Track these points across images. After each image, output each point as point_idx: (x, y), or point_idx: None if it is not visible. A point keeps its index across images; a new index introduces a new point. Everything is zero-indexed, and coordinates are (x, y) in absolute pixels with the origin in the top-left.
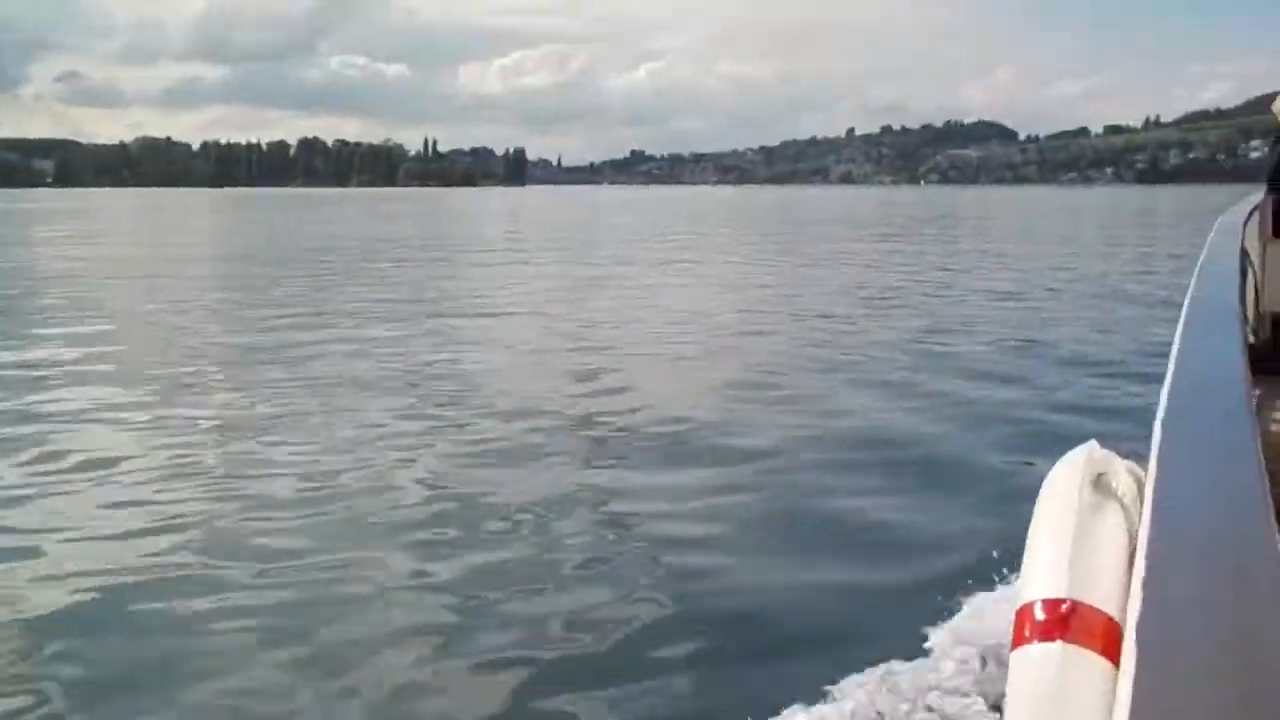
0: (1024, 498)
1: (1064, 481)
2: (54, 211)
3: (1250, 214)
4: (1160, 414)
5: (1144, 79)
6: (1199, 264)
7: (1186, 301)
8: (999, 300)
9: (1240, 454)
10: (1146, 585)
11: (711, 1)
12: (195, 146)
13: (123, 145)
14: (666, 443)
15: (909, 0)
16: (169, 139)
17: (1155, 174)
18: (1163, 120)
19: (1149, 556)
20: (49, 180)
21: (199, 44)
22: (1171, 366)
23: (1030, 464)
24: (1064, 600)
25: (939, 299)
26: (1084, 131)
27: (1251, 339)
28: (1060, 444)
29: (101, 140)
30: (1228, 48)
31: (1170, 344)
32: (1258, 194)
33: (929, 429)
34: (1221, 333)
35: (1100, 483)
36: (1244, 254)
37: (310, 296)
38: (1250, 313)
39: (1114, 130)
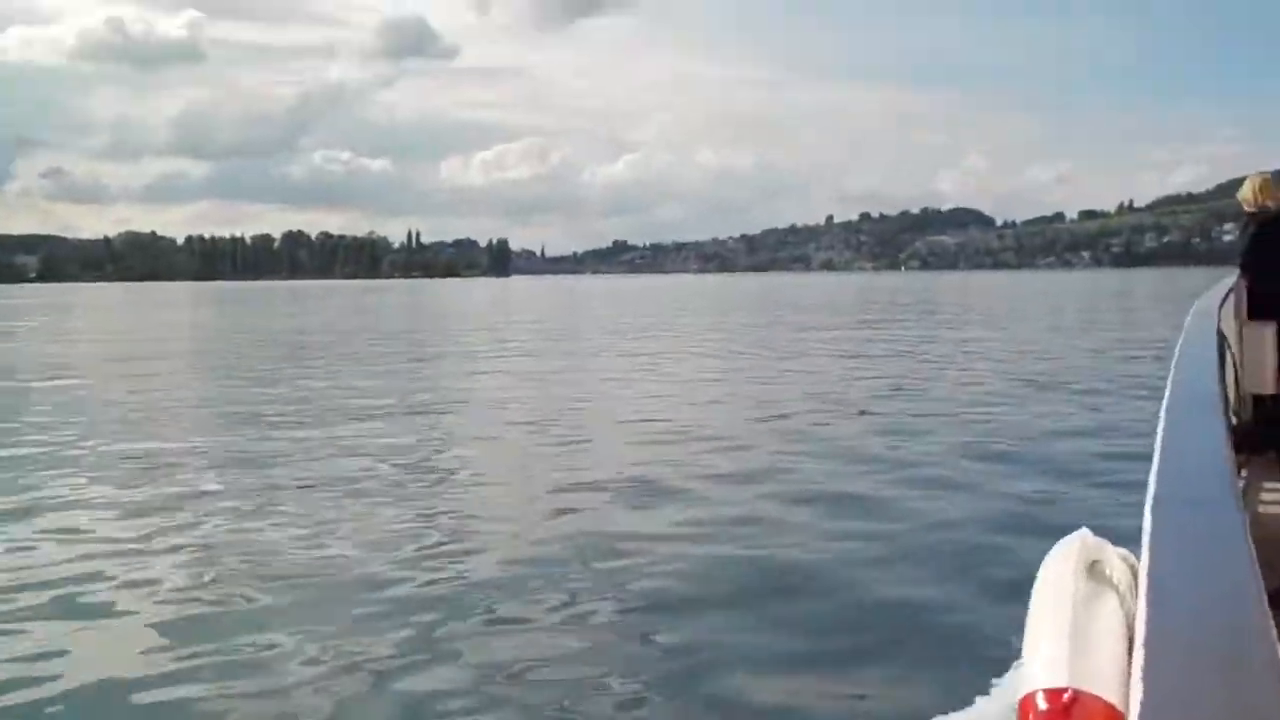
0: (1017, 586)
1: (1059, 570)
2: (37, 306)
3: (1225, 296)
4: (1149, 500)
5: (1115, 163)
6: (1178, 348)
7: (1168, 386)
8: (981, 389)
9: (1230, 537)
10: (1146, 675)
11: (685, 93)
12: (179, 241)
13: (107, 240)
14: (644, 522)
15: (880, 89)
16: (153, 233)
17: (1131, 257)
18: (1136, 205)
19: (1147, 645)
20: (32, 276)
21: (181, 140)
22: (1157, 452)
23: (1021, 552)
24: (1066, 690)
25: (920, 389)
26: (1059, 216)
27: (1234, 420)
28: (1051, 532)
29: (86, 235)
30: (1198, 131)
31: (1154, 429)
32: (1231, 276)
33: (917, 522)
34: (1204, 416)
35: (1095, 570)
36: (1221, 336)
37: (296, 389)
38: (1231, 394)
39: (1089, 215)
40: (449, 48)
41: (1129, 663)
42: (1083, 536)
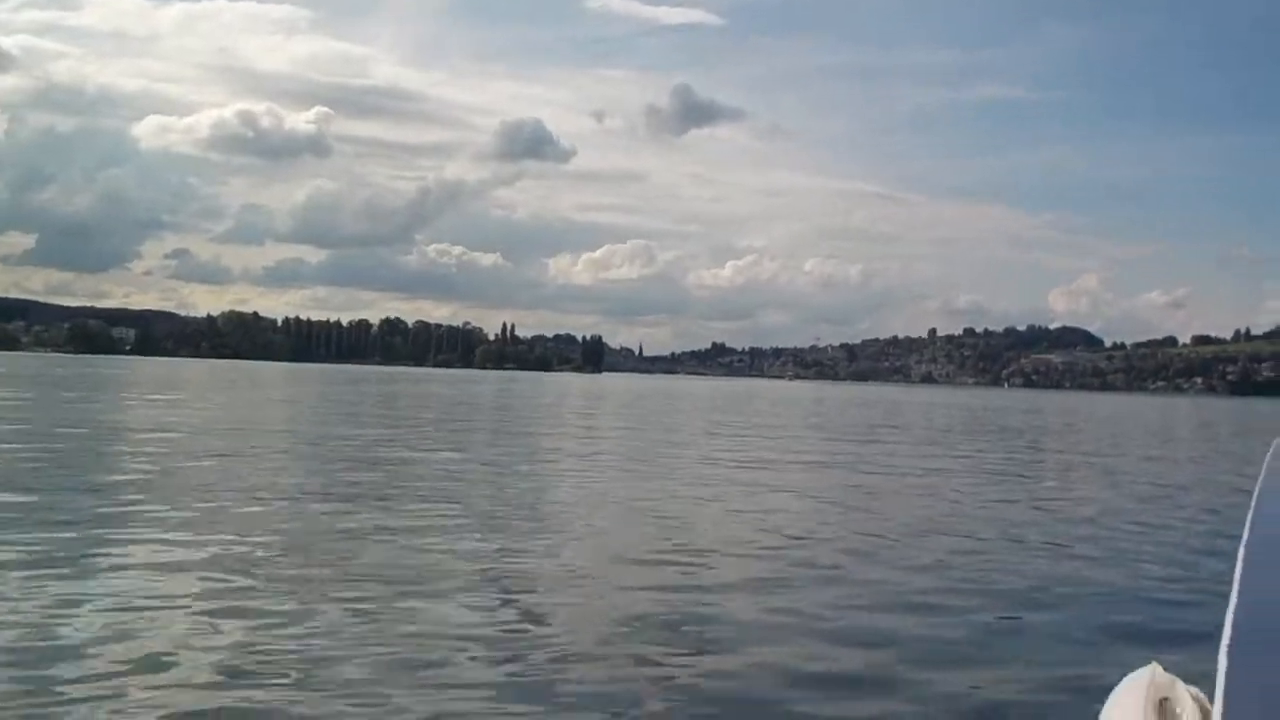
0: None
1: (1128, 704)
2: (133, 378)
3: None
4: (1225, 642)
5: (1233, 290)
6: (1258, 484)
7: (1247, 527)
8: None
9: None
10: None
11: (799, 205)
12: (279, 322)
13: (210, 318)
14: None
15: (994, 206)
16: (255, 314)
17: (1247, 385)
18: (1253, 333)
19: None
20: (127, 348)
21: (303, 229)
22: (1235, 594)
23: (1089, 681)
24: None
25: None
26: (1171, 340)
27: None
28: (1120, 664)
29: (201, 313)
30: None
31: (1232, 569)
32: None
33: (979, 641)
34: None
35: (1164, 708)
36: None
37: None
38: None
39: (1203, 340)
40: (565, 151)
41: None
42: (1153, 671)
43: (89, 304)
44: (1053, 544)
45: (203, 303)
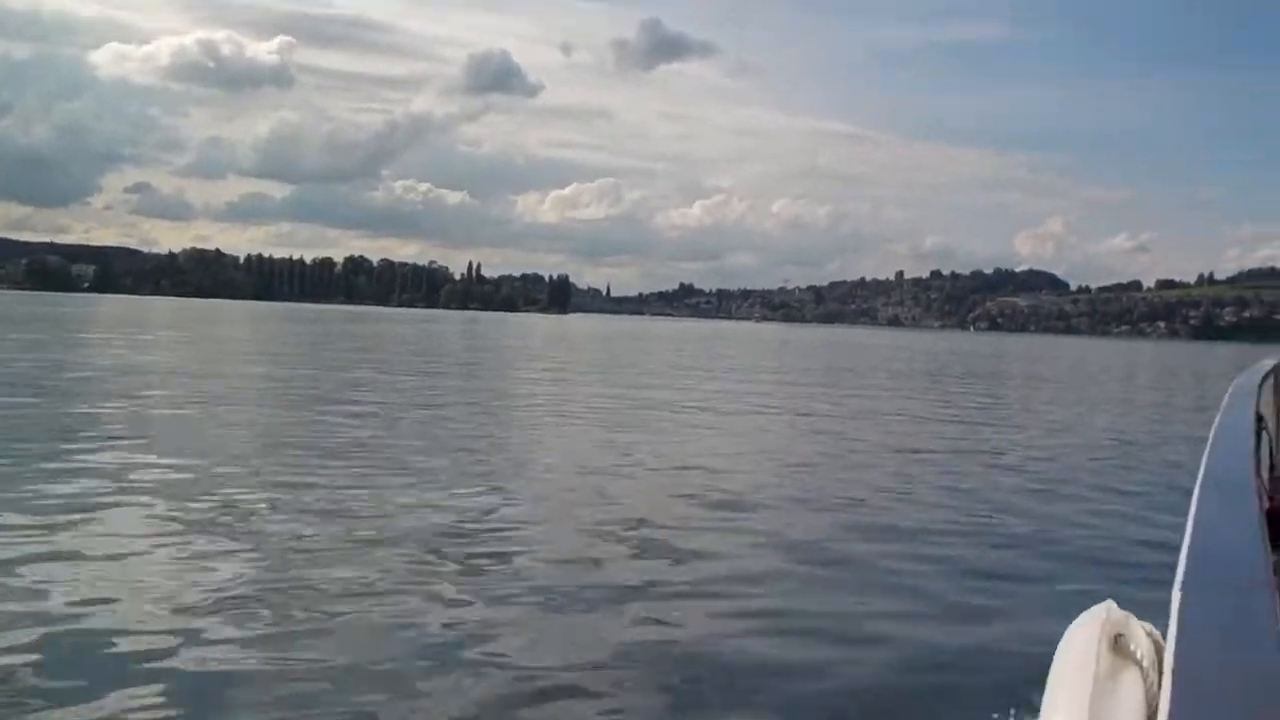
0: (1037, 655)
1: (1082, 640)
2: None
3: (1266, 376)
4: (1178, 580)
5: (1198, 235)
6: (1214, 427)
7: (1202, 466)
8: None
9: (1260, 624)
10: None
11: (768, 144)
12: (241, 259)
13: (171, 255)
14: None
15: (964, 149)
16: (217, 251)
17: (1210, 330)
18: (1217, 277)
19: None
20: (86, 286)
21: (266, 163)
22: (1188, 532)
23: (1042, 619)
24: None
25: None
26: (1136, 284)
27: (1268, 504)
28: (1075, 601)
29: (163, 250)
30: None
31: (1186, 508)
32: (1273, 357)
33: (943, 578)
34: (1237, 499)
35: (1118, 644)
36: (1259, 418)
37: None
38: (1266, 478)
39: (1167, 285)
40: (532, 85)
41: None
42: (1108, 608)
43: (48, 239)
44: (1013, 490)
45: (165, 239)
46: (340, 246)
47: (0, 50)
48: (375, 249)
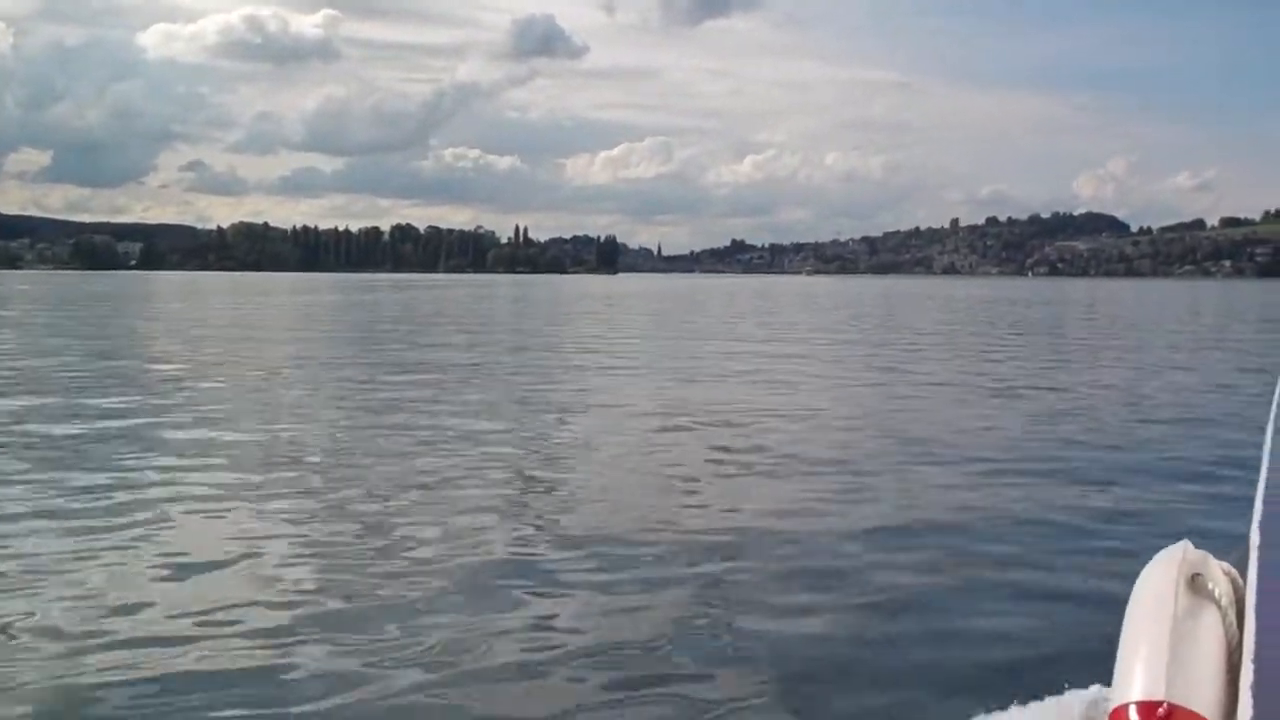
0: (1114, 596)
1: (1159, 581)
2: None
3: None
4: (1256, 517)
5: (1264, 171)
6: None
7: (1275, 403)
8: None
9: None
10: (1256, 692)
11: (817, 98)
12: (288, 231)
13: (220, 230)
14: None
15: (1018, 93)
16: (265, 225)
17: (1279, 266)
18: None
19: (1257, 661)
20: (132, 263)
21: (315, 137)
22: (1264, 470)
23: (1120, 560)
24: (1161, 703)
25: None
26: (1199, 223)
27: None
28: (1151, 542)
29: (216, 226)
30: None
31: (1261, 447)
32: None
33: (1012, 522)
34: None
35: (1196, 583)
36: None
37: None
38: None
39: (1232, 222)
40: (577, 48)
41: (1228, 680)
42: (1184, 548)
43: (105, 219)
44: (1081, 431)
45: (219, 214)
46: (392, 216)
47: (53, 37)
48: (427, 217)
